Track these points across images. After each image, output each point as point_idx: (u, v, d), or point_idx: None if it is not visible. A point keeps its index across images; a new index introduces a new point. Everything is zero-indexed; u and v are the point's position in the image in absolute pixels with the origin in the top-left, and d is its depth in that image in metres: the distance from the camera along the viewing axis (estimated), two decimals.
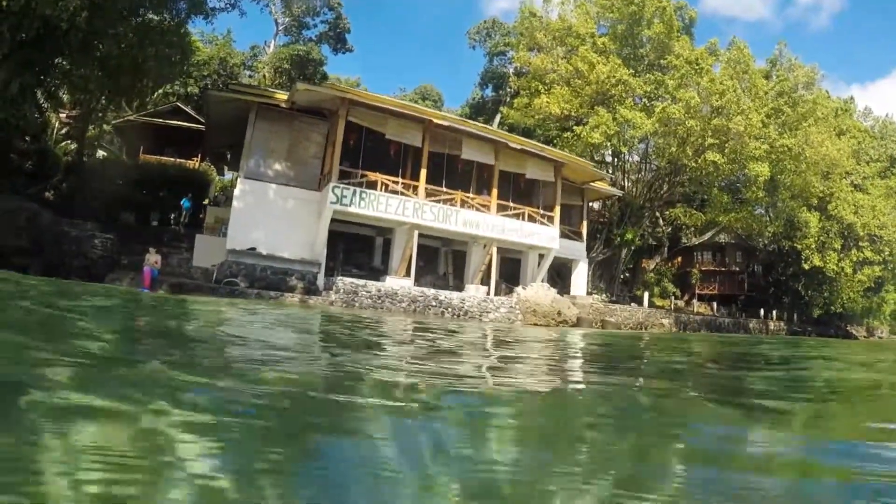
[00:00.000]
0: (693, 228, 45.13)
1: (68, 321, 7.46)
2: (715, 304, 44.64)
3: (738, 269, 49.31)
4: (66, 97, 30.57)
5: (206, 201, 31.38)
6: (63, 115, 32.60)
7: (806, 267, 39.09)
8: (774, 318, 42.81)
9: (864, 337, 49.18)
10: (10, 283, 10.88)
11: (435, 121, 24.09)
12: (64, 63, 22.76)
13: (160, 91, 35.55)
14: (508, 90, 49.17)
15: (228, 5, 23.56)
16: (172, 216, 29.65)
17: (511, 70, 50.70)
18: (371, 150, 24.08)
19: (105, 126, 35.26)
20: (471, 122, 28.84)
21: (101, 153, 36.68)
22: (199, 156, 35.39)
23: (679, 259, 49.13)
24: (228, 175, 38.85)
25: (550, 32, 36.83)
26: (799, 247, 38.99)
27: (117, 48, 21.36)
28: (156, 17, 23.01)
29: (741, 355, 13.14)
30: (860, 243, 39.96)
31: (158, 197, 29.12)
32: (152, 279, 18.67)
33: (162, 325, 8.82)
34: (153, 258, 19.11)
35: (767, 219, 40.36)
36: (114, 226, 23.07)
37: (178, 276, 21.18)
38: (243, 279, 20.85)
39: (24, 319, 6.92)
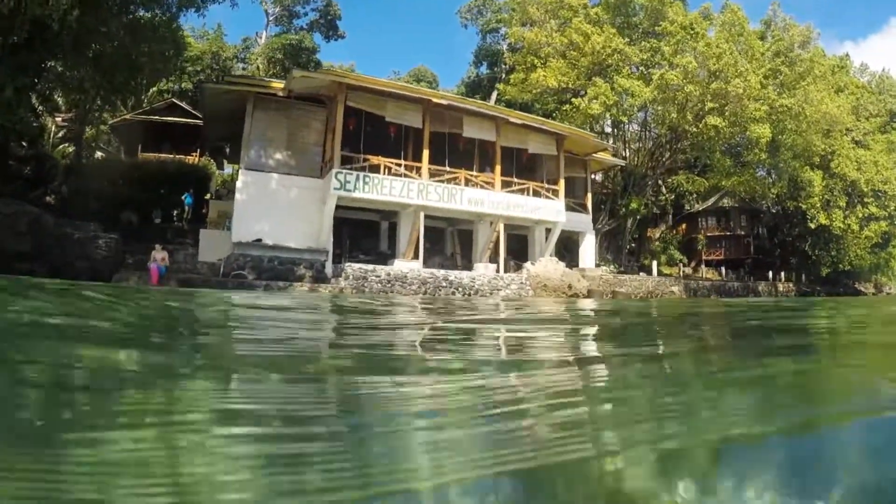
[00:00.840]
0: (696, 194, 44.99)
1: None
2: (723, 269, 44.52)
3: (743, 232, 49.12)
4: (61, 100, 30.40)
5: (207, 196, 31.22)
6: (59, 119, 32.43)
7: (812, 226, 38.99)
8: (783, 279, 42.74)
9: (873, 294, 49.06)
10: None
11: (434, 100, 23.92)
12: (57, 66, 22.60)
13: (154, 88, 35.36)
14: (503, 67, 48.81)
15: None
16: (175, 213, 29.53)
17: (505, 46, 50.25)
18: (371, 134, 23.91)
19: (102, 126, 35.07)
20: (470, 99, 28.65)
21: (99, 154, 36.55)
22: (198, 151, 35.23)
23: (683, 226, 48.94)
24: (228, 169, 38.69)
25: (543, 6, 36.41)
26: (804, 206, 38.85)
27: (110, 46, 21.18)
28: (147, 14, 22.77)
29: None
30: (865, 199, 39.82)
31: (159, 194, 28.97)
32: (160, 276, 18.64)
33: None
34: (160, 255, 19.09)
35: (770, 180, 40.19)
36: (116, 226, 22.96)
37: (185, 272, 21.10)
38: (251, 271, 20.77)
39: None
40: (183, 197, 29.12)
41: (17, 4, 17.48)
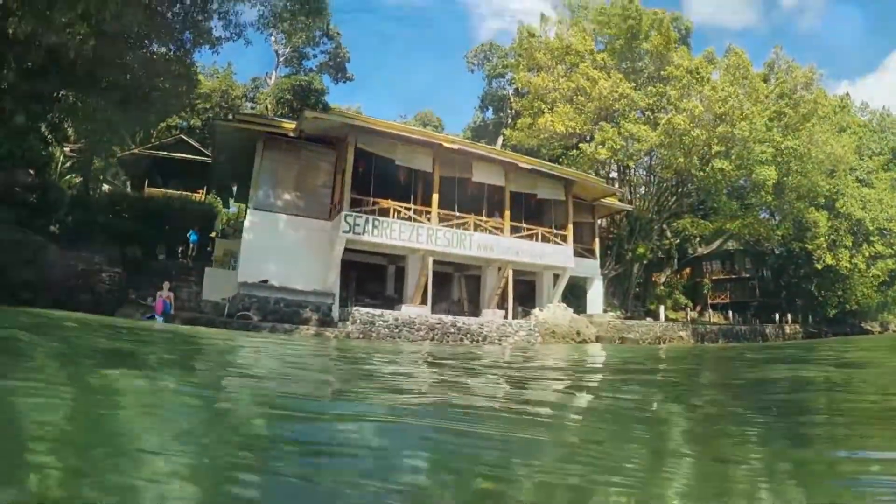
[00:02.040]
0: (700, 238, 44.97)
1: None
2: (730, 313, 44.26)
3: (748, 275, 49.12)
4: (70, 130, 30.36)
5: (213, 234, 31.05)
6: (67, 149, 32.36)
7: (819, 267, 39.00)
8: (790, 321, 42.44)
9: (879, 332, 48.80)
10: None
11: (445, 145, 23.87)
12: (69, 95, 22.55)
13: (163, 123, 35.39)
14: (509, 112, 49.16)
15: (234, 35, 23.31)
16: (180, 249, 29.30)
17: (511, 91, 50.70)
18: (381, 177, 23.81)
19: (110, 159, 34.99)
20: (480, 144, 28.71)
21: (105, 186, 36.44)
22: (205, 188, 35.12)
23: (688, 270, 48.82)
24: (234, 208, 38.55)
25: (549, 52, 36.72)
26: (810, 247, 38.90)
27: (124, 78, 21.15)
28: (162, 49, 22.83)
29: None
30: (870, 238, 39.98)
31: (164, 230, 28.79)
32: (165, 313, 18.36)
33: None
34: (166, 294, 18.84)
35: (774, 222, 40.22)
36: (120, 260, 22.70)
37: (190, 311, 20.83)
38: (256, 312, 20.49)
39: None
40: (188, 234, 28.93)
41: (33, 30, 17.41)
